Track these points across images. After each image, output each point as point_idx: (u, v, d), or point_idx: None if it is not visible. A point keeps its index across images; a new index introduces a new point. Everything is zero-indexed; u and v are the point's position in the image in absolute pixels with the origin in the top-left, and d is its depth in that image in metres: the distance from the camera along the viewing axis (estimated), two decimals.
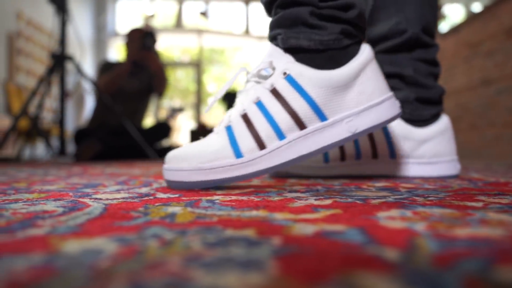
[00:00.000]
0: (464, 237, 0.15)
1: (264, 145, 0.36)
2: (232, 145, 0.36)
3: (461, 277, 0.10)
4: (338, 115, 0.36)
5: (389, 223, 0.19)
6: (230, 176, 0.35)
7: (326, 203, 0.26)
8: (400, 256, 0.13)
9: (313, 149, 0.36)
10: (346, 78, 0.36)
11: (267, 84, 0.36)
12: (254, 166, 0.36)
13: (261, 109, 0.36)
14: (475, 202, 0.26)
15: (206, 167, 0.35)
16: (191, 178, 0.35)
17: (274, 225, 0.19)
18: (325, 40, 0.37)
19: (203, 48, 4.94)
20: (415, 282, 0.10)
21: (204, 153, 0.36)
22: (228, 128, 0.37)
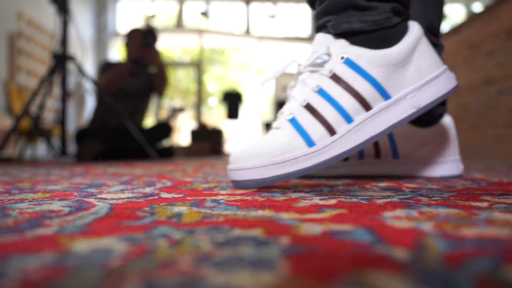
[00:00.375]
0: (472, 237, 0.15)
1: (334, 130, 0.36)
2: (302, 135, 0.36)
3: (472, 276, 0.11)
4: (401, 92, 0.36)
5: (396, 222, 0.19)
6: (305, 166, 0.35)
7: (331, 203, 0.26)
8: (410, 256, 0.13)
9: (382, 129, 0.36)
10: (403, 54, 0.36)
11: (325, 71, 0.37)
12: (327, 152, 0.35)
13: (324, 96, 0.36)
14: (480, 202, 0.26)
15: (279, 160, 0.35)
16: (266, 174, 0.35)
17: (281, 224, 0.19)
18: (377, 20, 0.37)
19: (203, 48, 4.94)
20: (426, 281, 0.10)
21: (274, 147, 0.36)
22: (291, 120, 0.37)
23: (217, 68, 6.77)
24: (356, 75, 0.36)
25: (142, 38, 1.59)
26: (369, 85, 0.36)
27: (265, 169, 0.35)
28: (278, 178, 0.35)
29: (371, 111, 0.36)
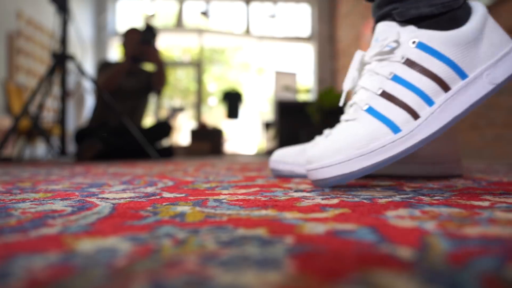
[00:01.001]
0: (475, 236, 0.15)
1: (417, 114, 0.35)
2: (385, 122, 0.35)
3: (477, 275, 0.11)
4: (477, 70, 0.36)
5: (399, 222, 0.19)
6: (394, 153, 0.35)
7: (333, 202, 0.26)
8: (414, 255, 0.13)
9: (464, 108, 0.36)
10: (475, 32, 0.37)
11: (397, 57, 0.37)
12: (415, 137, 0.35)
13: (400, 81, 0.36)
14: (481, 201, 0.26)
15: (365, 151, 0.35)
16: (354, 167, 0.34)
17: (285, 224, 0.19)
18: (446, 2, 0.37)
19: (203, 47, 4.94)
20: (432, 280, 0.10)
21: (357, 139, 0.35)
22: (369, 109, 0.37)
23: (217, 68, 6.78)
24: (431, 57, 0.36)
25: (141, 35, 1.58)
26: (445, 66, 0.36)
27: (352, 162, 0.35)
28: (367, 169, 0.35)
29: (451, 91, 0.36)
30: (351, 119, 0.37)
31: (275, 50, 5.15)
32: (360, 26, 3.97)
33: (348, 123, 0.37)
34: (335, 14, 4.64)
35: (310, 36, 4.76)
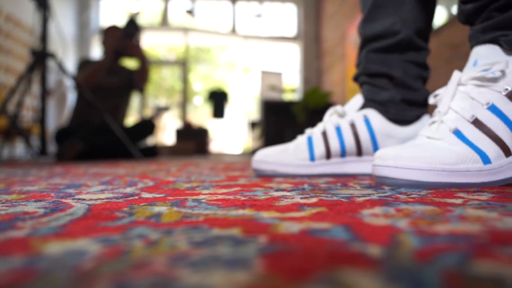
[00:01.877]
0: (444, 233, 0.16)
1: (510, 151, 0.34)
2: (476, 151, 0.35)
3: (441, 271, 0.11)
4: None
5: (373, 220, 0.19)
6: (477, 181, 0.34)
7: (312, 201, 0.27)
8: (383, 252, 0.13)
9: None
10: None
11: (499, 87, 0.35)
12: (503, 173, 0.34)
13: (497, 113, 0.34)
14: (455, 199, 0.27)
15: (451, 169, 0.34)
16: (433, 178, 0.34)
17: (260, 223, 0.19)
18: None
19: (189, 46, 4.90)
20: (396, 277, 0.10)
21: (444, 155, 0.34)
22: (457, 133, 0.36)
23: (203, 67, 6.73)
24: None
25: (123, 28, 1.54)
26: None
27: (433, 173, 0.34)
28: (443, 184, 0.35)
29: None
30: (435, 138, 0.37)
31: (261, 50, 5.16)
32: (345, 26, 4.02)
33: (432, 140, 0.37)
34: (321, 14, 4.68)
35: (296, 35, 4.79)
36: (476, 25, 0.40)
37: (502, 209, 0.22)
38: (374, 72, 0.54)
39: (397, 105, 0.53)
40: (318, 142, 0.52)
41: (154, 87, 6.11)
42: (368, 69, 0.55)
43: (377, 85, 0.54)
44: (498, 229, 0.16)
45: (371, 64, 0.54)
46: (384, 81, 0.54)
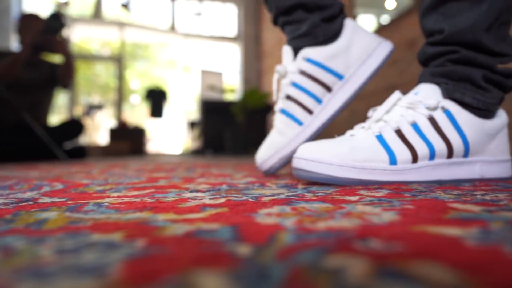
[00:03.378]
0: (321, 230, 0.17)
1: (417, 160, 0.39)
2: (388, 152, 0.38)
3: (290, 267, 0.11)
4: (477, 157, 0.42)
5: (264, 219, 0.19)
6: (380, 179, 0.38)
7: (218, 202, 0.26)
8: (252, 251, 0.13)
9: (449, 178, 0.41)
10: (494, 130, 0.42)
11: (425, 112, 0.40)
12: (405, 175, 0.39)
13: (417, 131, 0.40)
14: (354, 196, 0.28)
15: (359, 166, 0.37)
16: (340, 174, 0.37)
17: (149, 226, 0.18)
18: (488, 102, 0.41)
19: (125, 42, 4.67)
20: (244, 276, 0.11)
21: (357, 152, 0.38)
22: (378, 136, 0.40)
23: (141, 64, 6.46)
24: (452, 127, 0.40)
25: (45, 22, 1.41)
26: (459, 140, 0.40)
27: (341, 169, 0.37)
28: (350, 181, 0.37)
29: (450, 160, 0.40)
30: (357, 135, 0.41)
31: (201, 49, 5.09)
32: None
33: (352, 138, 0.40)
34: (261, 16, 4.76)
35: (237, 36, 4.81)
36: (430, 67, 0.45)
37: (388, 204, 0.24)
38: (287, 7, 0.51)
39: (319, 27, 0.50)
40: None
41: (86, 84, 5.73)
42: (282, 7, 0.51)
43: (296, 20, 0.51)
44: (371, 224, 0.18)
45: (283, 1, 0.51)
46: (300, 13, 0.51)
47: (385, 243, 0.14)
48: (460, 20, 0.41)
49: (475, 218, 0.19)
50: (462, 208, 0.22)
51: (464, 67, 0.42)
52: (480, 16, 0.40)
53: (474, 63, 0.41)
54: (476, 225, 0.17)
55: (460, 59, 0.42)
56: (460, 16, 0.41)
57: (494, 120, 0.42)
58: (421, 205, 0.23)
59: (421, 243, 0.14)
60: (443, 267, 0.11)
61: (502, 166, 0.43)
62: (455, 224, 0.17)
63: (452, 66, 0.42)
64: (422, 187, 0.34)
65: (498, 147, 0.43)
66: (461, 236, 0.15)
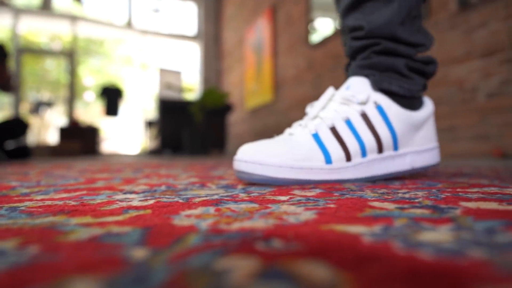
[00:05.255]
0: (232, 230, 0.17)
1: (350, 158, 0.41)
2: (323, 151, 0.40)
3: (174, 271, 0.11)
4: (406, 149, 0.44)
5: (182, 221, 0.19)
6: (317, 178, 0.39)
7: (146, 204, 0.26)
8: (148, 255, 0.13)
9: (383, 173, 0.42)
10: (421, 120, 0.44)
11: (357, 107, 0.42)
12: (341, 174, 0.40)
13: (350, 127, 0.41)
14: (286, 196, 0.29)
15: (297, 165, 0.38)
16: (280, 175, 0.37)
17: (54, 231, 0.17)
18: (413, 89, 0.44)
19: (77, 36, 4.44)
20: (119, 282, 0.10)
21: (295, 152, 0.38)
22: (315, 135, 0.41)
23: (95, 60, 6.18)
24: (382, 121, 0.42)
25: None
26: (388, 133, 0.42)
27: (281, 170, 0.38)
28: (291, 181, 0.38)
29: (382, 154, 0.42)
30: (295, 134, 0.42)
31: (159, 46, 4.97)
32: (244, 30, 4.14)
33: (291, 137, 0.41)
34: (221, 16, 4.74)
35: (196, 35, 4.75)
36: (357, 60, 0.47)
37: (313, 204, 0.24)
38: None
39: None
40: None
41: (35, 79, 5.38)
42: None
43: None
44: (285, 224, 0.18)
45: None
46: None
47: (287, 243, 0.14)
48: (376, 17, 0.44)
49: (385, 216, 0.20)
50: (379, 206, 0.23)
51: (388, 57, 0.45)
52: (393, 13, 0.43)
53: (396, 53, 0.44)
54: (382, 222, 0.18)
55: (383, 50, 0.45)
56: (376, 13, 0.44)
57: (422, 111, 0.45)
58: (343, 204, 0.24)
59: (321, 241, 0.14)
60: (328, 265, 0.11)
61: (430, 154, 0.45)
62: (364, 222, 0.18)
63: (377, 58, 0.45)
64: (354, 186, 0.36)
65: (425, 136, 0.45)
66: (363, 233, 0.16)
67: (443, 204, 0.23)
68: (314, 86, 2.75)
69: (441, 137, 1.65)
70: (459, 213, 0.20)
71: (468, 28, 1.56)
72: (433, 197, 0.26)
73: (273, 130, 3.34)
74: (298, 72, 2.97)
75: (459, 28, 1.60)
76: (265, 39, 3.50)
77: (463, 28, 1.58)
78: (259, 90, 3.62)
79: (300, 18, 2.96)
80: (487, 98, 1.49)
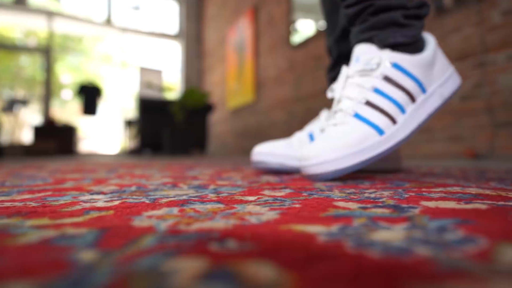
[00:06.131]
0: (190, 231, 0.16)
1: (395, 120, 0.44)
2: (372, 126, 0.43)
3: (118, 273, 0.11)
4: (432, 86, 0.47)
5: (142, 222, 0.19)
6: (380, 151, 0.43)
7: (110, 204, 0.25)
8: (97, 257, 0.13)
9: (425, 117, 0.46)
10: (431, 58, 0.47)
11: (377, 74, 0.45)
12: (394, 138, 0.43)
13: (381, 93, 0.44)
14: (255, 196, 0.29)
15: (358, 149, 0.41)
16: (348, 163, 0.41)
17: (4, 234, 0.16)
18: (415, 34, 0.47)
19: (54, 33, 4.32)
20: (55, 286, 0.10)
21: (350, 139, 0.42)
22: (356, 115, 0.44)
23: (73, 58, 6.02)
24: (403, 75, 0.45)
25: None
26: (413, 83, 0.45)
27: (347, 158, 0.41)
28: (359, 164, 0.42)
29: (416, 103, 0.46)
30: (339, 123, 0.44)
31: (140, 45, 4.90)
32: (226, 29, 4.13)
33: (338, 127, 0.44)
34: (203, 15, 4.71)
35: (178, 34, 4.71)
36: (356, 26, 0.50)
37: (278, 204, 0.24)
38: None
39: None
40: None
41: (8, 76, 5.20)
42: None
43: None
44: (245, 224, 0.18)
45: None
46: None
47: (241, 243, 0.14)
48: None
49: (346, 215, 0.20)
50: (343, 206, 0.23)
51: (384, 14, 0.47)
52: None
53: (390, 7, 0.47)
54: (342, 222, 0.18)
55: (378, 9, 0.47)
56: None
57: (428, 49, 0.48)
58: (308, 204, 0.24)
59: (275, 241, 0.14)
60: (276, 265, 0.11)
61: (451, 80, 0.49)
62: (324, 221, 0.18)
63: (374, 18, 0.47)
64: (324, 186, 0.36)
65: (440, 67, 0.48)
66: (319, 233, 0.16)
67: (405, 204, 0.24)
68: (295, 86, 2.77)
69: (417, 138, 1.69)
70: (417, 212, 0.20)
71: (443, 33, 1.61)
72: (397, 197, 0.27)
73: (254, 131, 3.35)
74: (280, 72, 2.99)
75: (435, 33, 1.65)
76: (247, 39, 3.50)
77: (438, 32, 1.63)
78: (240, 90, 3.62)
79: (282, 18, 2.98)
80: (460, 100, 1.54)
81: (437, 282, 0.10)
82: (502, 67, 1.39)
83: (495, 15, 1.41)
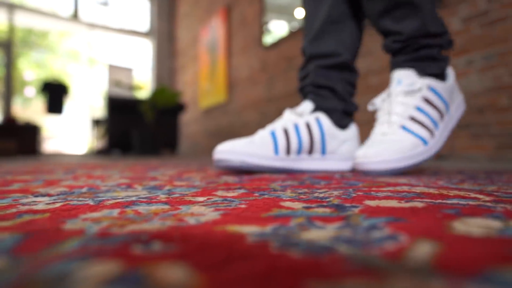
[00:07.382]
0: (122, 234, 0.16)
1: (432, 133, 0.55)
2: (419, 138, 0.54)
3: (17, 280, 0.10)
4: (453, 107, 0.59)
5: (76, 225, 0.18)
6: (424, 158, 0.54)
7: (51, 207, 0.24)
8: (9, 263, 0.12)
9: (448, 132, 0.58)
10: (453, 85, 0.59)
11: (420, 95, 0.56)
12: (433, 148, 0.55)
13: (422, 111, 0.56)
14: (206, 196, 0.29)
15: (408, 155, 0.52)
16: (404, 164, 0.52)
17: None
18: (445, 67, 0.59)
19: (15, 26, 4.11)
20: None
21: (405, 145, 0.52)
22: (404, 127, 0.55)
23: (38, 54, 5.76)
24: (437, 98, 0.57)
25: None
26: (443, 104, 0.57)
27: (401, 161, 0.51)
28: (408, 167, 0.52)
29: (444, 120, 0.57)
30: (390, 133, 0.55)
31: (109, 42, 4.76)
32: (198, 29, 4.09)
33: (388, 136, 0.55)
34: (175, 13, 4.64)
35: (149, 31, 4.61)
36: (399, 57, 0.60)
37: (225, 204, 0.24)
38: (321, 84, 0.68)
39: (339, 113, 0.67)
40: (281, 137, 0.60)
41: None
42: (316, 82, 0.68)
43: (323, 95, 0.68)
44: (182, 225, 0.18)
45: (318, 78, 0.68)
46: (327, 92, 0.68)
47: (166, 245, 0.14)
48: (409, 24, 0.57)
49: (286, 215, 0.20)
50: (288, 206, 0.23)
51: (425, 50, 0.58)
52: (424, 18, 0.56)
53: (429, 45, 0.58)
54: (279, 222, 0.18)
55: (421, 46, 0.58)
56: (408, 20, 0.57)
57: (450, 79, 0.60)
58: (254, 204, 0.24)
59: (202, 243, 0.14)
60: (191, 266, 0.11)
61: (462, 104, 0.61)
62: (262, 222, 0.18)
63: (416, 53, 0.58)
64: (279, 187, 0.36)
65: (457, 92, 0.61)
66: (251, 233, 0.16)
67: (348, 203, 0.24)
68: (267, 87, 2.78)
69: None
70: (356, 212, 0.21)
71: None
72: (345, 196, 0.28)
73: (226, 131, 3.34)
74: (252, 73, 2.99)
75: None
76: (220, 39, 3.48)
77: None
78: (212, 90, 3.59)
79: (254, 19, 2.99)
80: None
81: (338, 279, 0.10)
82: (462, 71, 1.46)
83: (456, 22, 1.48)
